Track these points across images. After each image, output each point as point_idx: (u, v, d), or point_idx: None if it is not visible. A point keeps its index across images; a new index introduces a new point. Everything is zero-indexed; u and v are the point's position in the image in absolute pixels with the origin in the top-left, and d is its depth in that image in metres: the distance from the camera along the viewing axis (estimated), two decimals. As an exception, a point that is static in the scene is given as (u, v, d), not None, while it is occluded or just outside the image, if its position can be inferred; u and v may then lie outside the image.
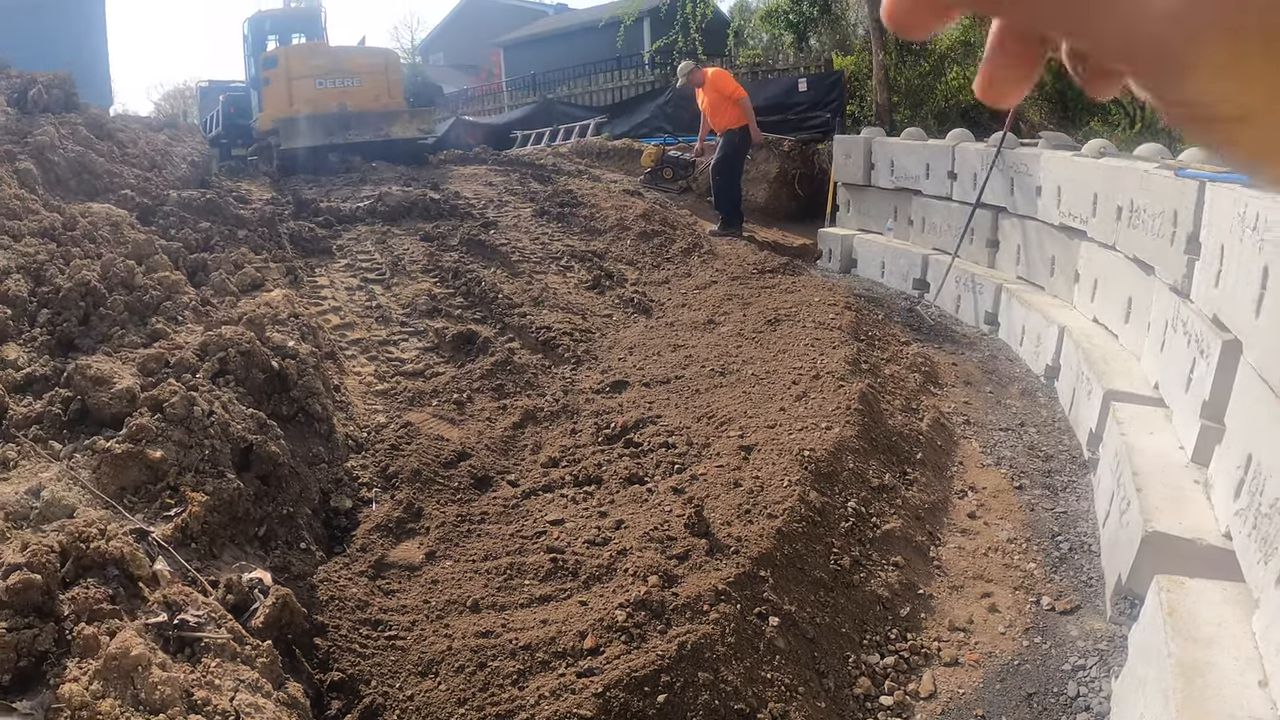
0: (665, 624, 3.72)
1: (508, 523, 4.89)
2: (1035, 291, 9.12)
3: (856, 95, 19.40)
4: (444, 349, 7.30)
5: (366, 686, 3.56)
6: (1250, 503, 3.75)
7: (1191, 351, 5.17)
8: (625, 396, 6.56)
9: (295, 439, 5.02)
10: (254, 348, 5.10)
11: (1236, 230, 4.60)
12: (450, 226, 10.37)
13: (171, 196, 9.14)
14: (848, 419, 5.77)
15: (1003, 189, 9.87)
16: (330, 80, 16.30)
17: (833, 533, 4.72)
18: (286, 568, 4.09)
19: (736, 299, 8.69)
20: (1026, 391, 7.71)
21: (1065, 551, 5.16)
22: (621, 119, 21.24)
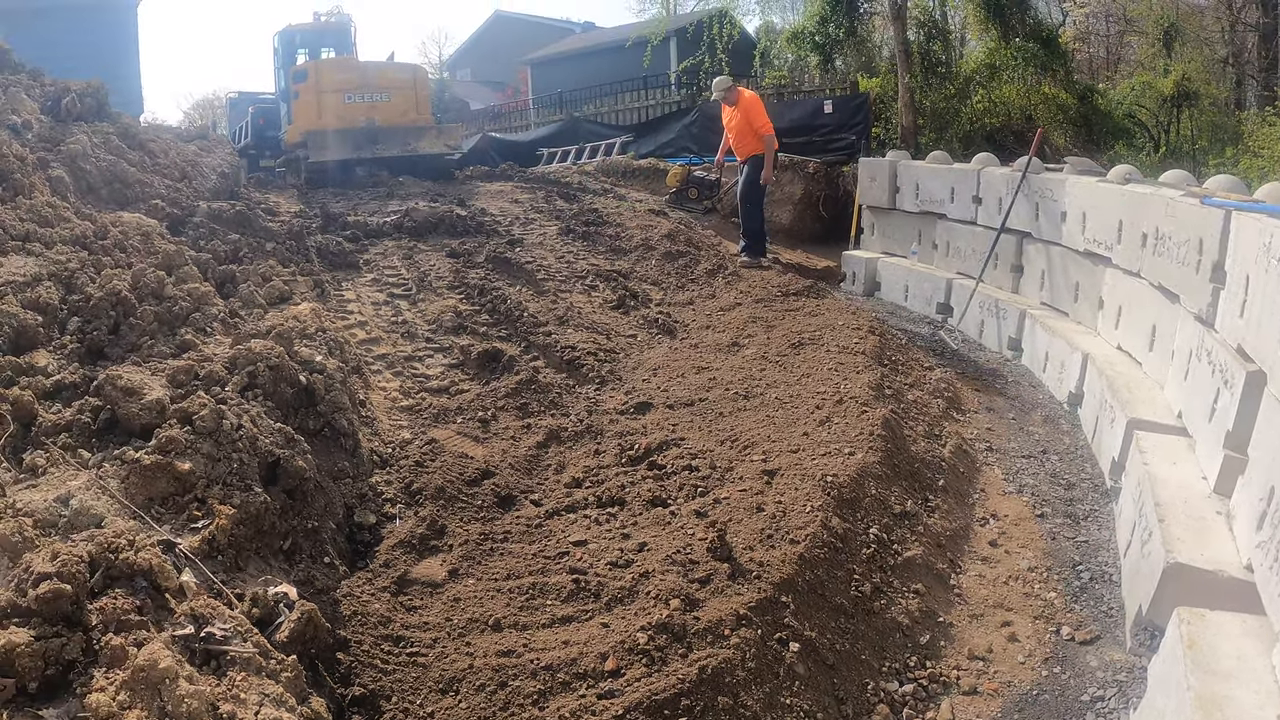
0: (686, 648, 3.74)
1: (530, 542, 4.90)
2: (1059, 318, 9.11)
3: (882, 117, 19.41)
4: (469, 366, 7.32)
5: (387, 702, 3.58)
6: (1272, 535, 3.74)
7: (1215, 381, 5.16)
8: (649, 418, 6.56)
9: (321, 454, 5.05)
10: (283, 362, 5.13)
11: (1262, 260, 4.60)
12: (476, 243, 10.39)
13: (201, 208, 9.20)
14: (870, 445, 5.78)
15: (1027, 214, 9.87)
16: (359, 95, 16.45)
17: (854, 559, 4.73)
18: (310, 582, 4.12)
19: (760, 321, 8.70)
20: (1049, 418, 7.70)
21: (1086, 581, 5.15)
22: (647, 138, 21.30)
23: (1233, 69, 26.12)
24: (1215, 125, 23.45)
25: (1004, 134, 18.75)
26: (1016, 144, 16.20)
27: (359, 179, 15.33)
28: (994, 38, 20.38)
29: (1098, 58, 32.28)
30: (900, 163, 13.00)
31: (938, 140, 17.81)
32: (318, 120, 16.04)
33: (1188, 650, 3.39)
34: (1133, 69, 27.66)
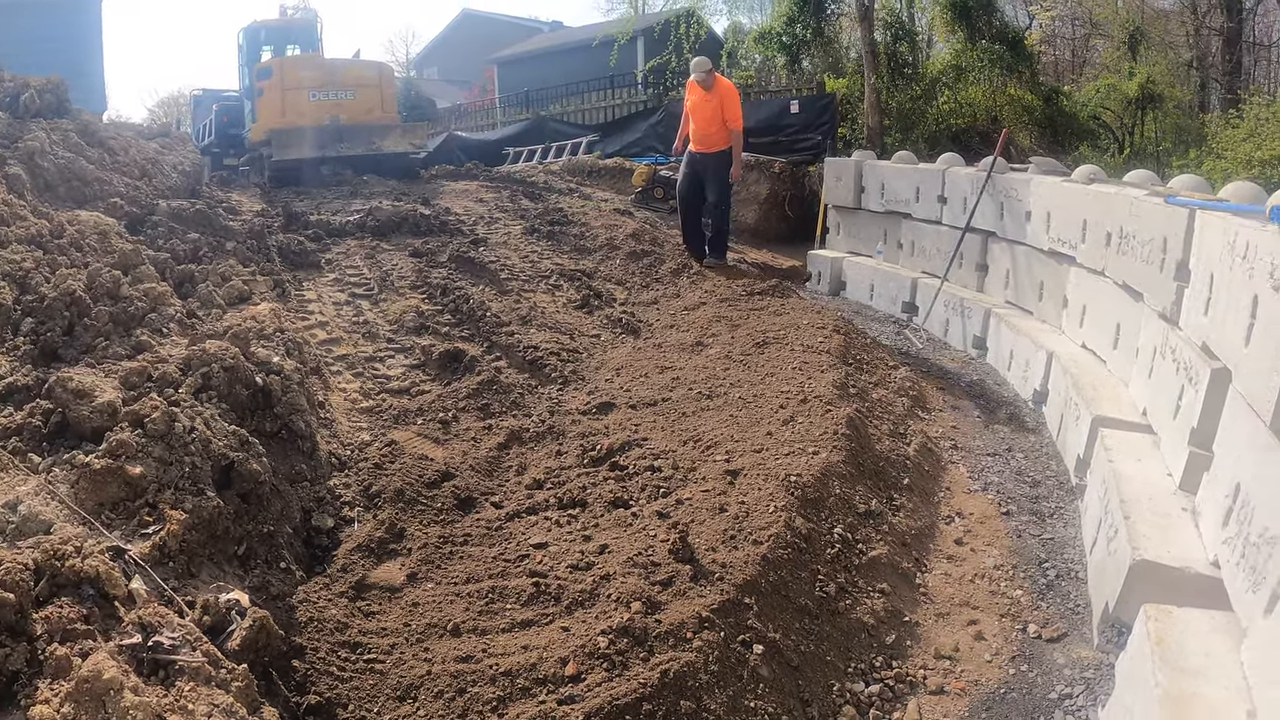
0: (648, 651, 3.68)
1: (490, 545, 4.82)
2: (1024, 316, 9.14)
3: (848, 118, 19.46)
4: (430, 367, 7.23)
5: (344, 710, 3.50)
6: (1239, 531, 3.73)
7: (1180, 379, 5.17)
8: (611, 418, 6.49)
9: (278, 456, 4.95)
10: (238, 363, 5.02)
11: (1226, 259, 4.61)
12: (440, 243, 10.29)
13: (161, 206, 9.06)
14: (835, 444, 5.73)
15: (992, 214, 9.89)
16: (324, 93, 16.25)
17: (818, 559, 4.68)
18: (265, 587, 4.02)
19: (725, 321, 8.65)
20: (1014, 416, 7.70)
21: (1052, 578, 5.13)
22: (613, 138, 21.29)
23: (1197, 73, 26.36)
24: (1179, 128, 23.66)
25: (969, 135, 18.84)
26: (982, 144, 16.27)
27: (323, 178, 15.18)
28: (960, 39, 20.46)
29: (1063, 61, 32.51)
30: (866, 162, 13.01)
31: (903, 140, 17.87)
32: (282, 118, 15.83)
33: (1155, 647, 3.36)
34: (1098, 72, 27.87)
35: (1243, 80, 24.23)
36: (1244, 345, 4.14)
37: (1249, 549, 3.55)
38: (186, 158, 13.26)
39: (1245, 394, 4.06)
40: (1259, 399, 3.81)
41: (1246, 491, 3.79)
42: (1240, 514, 3.79)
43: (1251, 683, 3.13)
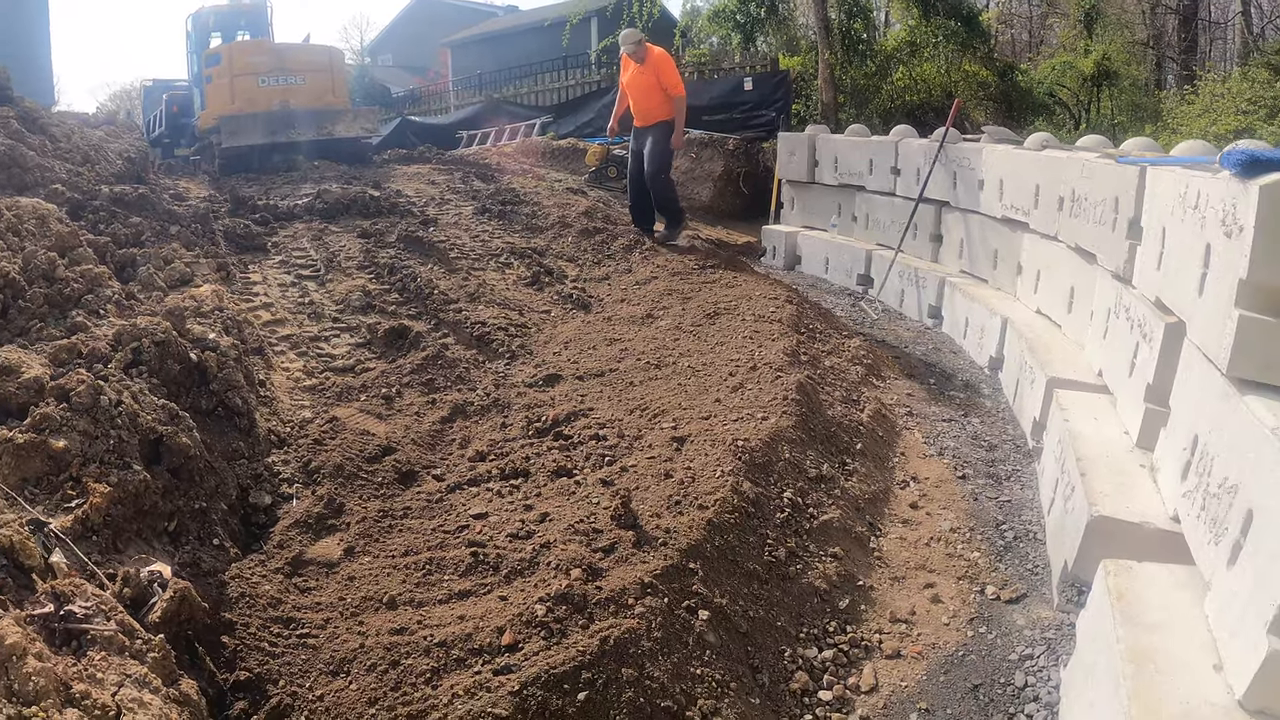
0: (588, 618, 3.54)
1: (430, 517, 4.70)
2: (978, 284, 9.11)
3: (803, 95, 19.43)
4: (376, 344, 7.12)
5: (274, 686, 3.37)
6: (1198, 483, 3.65)
7: (1134, 336, 5.11)
8: (558, 390, 6.38)
9: (213, 433, 4.83)
10: (169, 338, 4.89)
11: (1178, 211, 4.54)
12: (389, 224, 10.17)
13: (103, 191, 8.85)
14: (784, 410, 5.62)
15: (946, 183, 9.85)
16: (273, 78, 15.95)
17: (767, 524, 4.56)
18: (197, 564, 3.89)
19: (676, 294, 8.55)
20: (970, 383, 7.64)
21: (1010, 540, 5.05)
22: (567, 118, 21.16)
23: (1153, 51, 26.58)
24: (1135, 104, 23.86)
25: (924, 110, 18.84)
26: (937, 120, 16.24)
27: (274, 164, 14.96)
28: (915, 16, 20.45)
29: (1020, 40, 32.74)
30: (819, 136, 12.95)
31: (858, 116, 17.84)
32: (231, 104, 15.52)
33: (1116, 603, 3.27)
34: (1055, 51, 28.05)
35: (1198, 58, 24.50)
36: (1197, 296, 4.06)
37: (1209, 500, 3.46)
38: (132, 145, 13.13)
39: (1200, 345, 3.99)
40: (1213, 348, 3.73)
41: (1205, 443, 3.70)
42: (1199, 466, 3.71)
43: (1216, 635, 3.04)
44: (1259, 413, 3.21)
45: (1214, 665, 2.92)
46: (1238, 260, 3.51)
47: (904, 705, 3.81)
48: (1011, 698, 3.84)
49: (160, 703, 2.71)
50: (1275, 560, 2.67)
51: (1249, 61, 20.53)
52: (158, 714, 2.65)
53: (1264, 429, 3.04)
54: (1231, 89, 17.83)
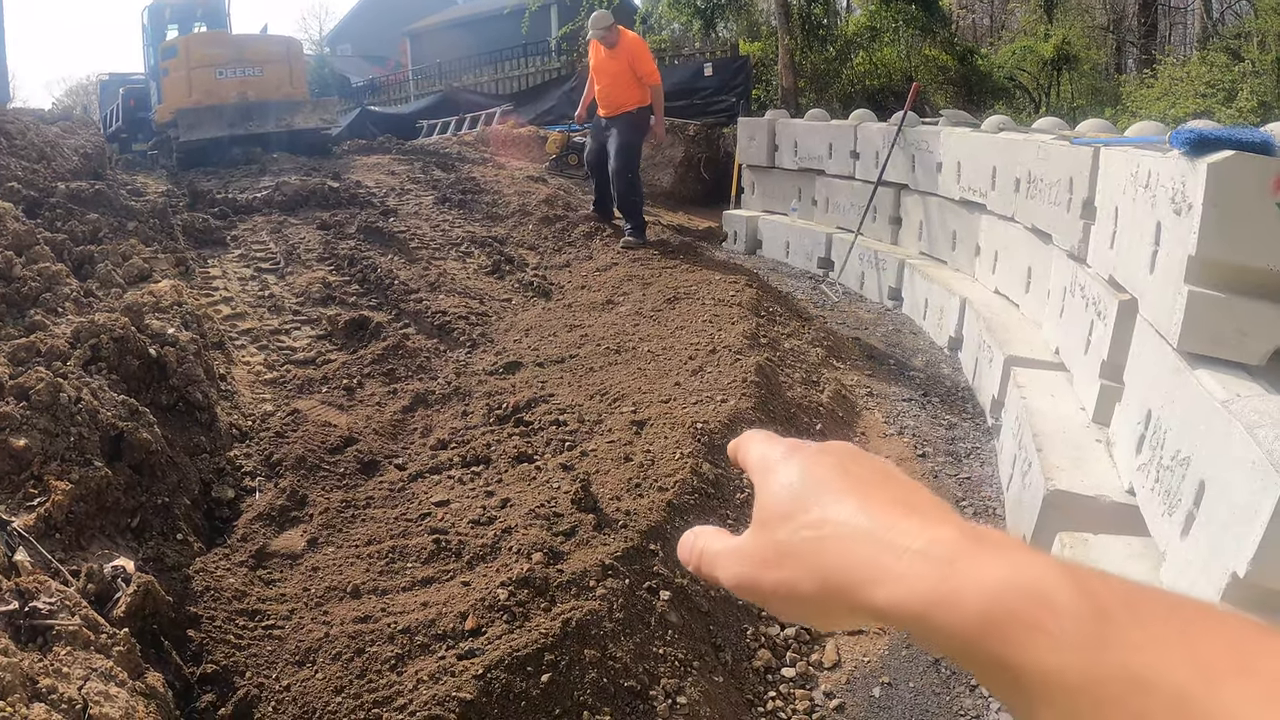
0: (550, 601, 3.54)
1: (393, 506, 4.68)
2: (938, 266, 9.18)
3: (763, 80, 19.45)
4: (336, 336, 7.09)
5: (241, 678, 3.35)
6: (1152, 457, 3.71)
7: (1089, 314, 5.18)
8: (518, 377, 6.38)
9: (175, 428, 4.81)
10: (127, 334, 4.86)
11: (1130, 191, 4.62)
12: (348, 215, 10.12)
13: (60, 189, 8.76)
14: (744, 392, 5.64)
15: (904, 166, 9.92)
16: (231, 70, 15.76)
17: (727, 504, 4.58)
18: (161, 559, 3.87)
19: (637, 279, 8.55)
20: (930, 363, 7.70)
21: (970, 516, 5.02)
22: (528, 106, 21.05)
23: (1113, 35, 26.76)
24: (1095, 88, 24.06)
25: (885, 95, 18.91)
26: (897, 104, 16.27)
27: (233, 157, 14.82)
28: (876, 1, 20.48)
29: (981, 25, 32.84)
30: (779, 121, 12.96)
31: (818, 101, 17.87)
32: (189, 97, 15.34)
33: (1071, 575, 3.30)
34: (1015, 35, 28.19)
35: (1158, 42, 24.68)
36: (1149, 273, 4.13)
37: (1163, 473, 3.51)
38: (89, 141, 12.98)
39: (1152, 320, 4.06)
40: (1165, 324, 3.80)
41: (1158, 416, 3.76)
42: (1153, 439, 3.77)
43: (1171, 606, 3.07)
44: (1209, 386, 3.26)
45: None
46: (1187, 237, 3.58)
47: (866, 680, 3.85)
48: (973, 671, 3.88)
49: (126, 695, 2.70)
50: (1228, 530, 2.72)
51: (1208, 46, 20.75)
52: (124, 706, 2.64)
53: (1214, 402, 3.10)
54: (1190, 73, 18.03)
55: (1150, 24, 24.57)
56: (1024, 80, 23.90)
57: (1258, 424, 2.72)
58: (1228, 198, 3.40)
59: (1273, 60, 17.40)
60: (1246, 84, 16.93)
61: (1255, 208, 3.38)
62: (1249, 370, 3.45)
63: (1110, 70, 26.21)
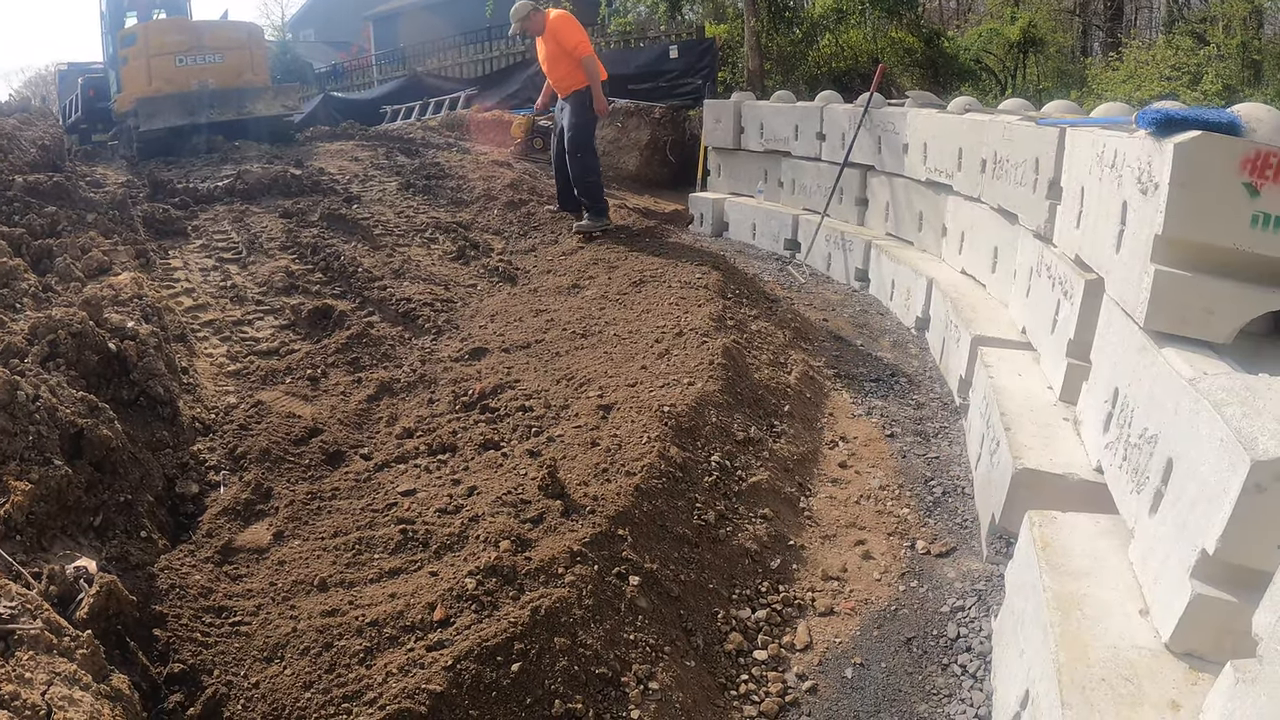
0: (518, 590, 3.52)
1: (359, 497, 4.64)
2: (904, 247, 9.18)
3: (729, 62, 19.36)
4: (300, 326, 7.05)
5: (209, 676, 3.32)
6: (1120, 435, 3.71)
7: (1056, 294, 5.19)
8: (484, 363, 6.33)
9: (136, 423, 4.76)
10: (85, 329, 4.81)
11: (1096, 171, 4.62)
12: (311, 203, 10.04)
13: (17, 181, 8.64)
14: (711, 374, 5.62)
15: (870, 148, 9.90)
16: (191, 57, 15.48)
17: (696, 488, 4.56)
18: (125, 558, 3.83)
19: (603, 263, 8.51)
20: (897, 343, 7.70)
21: (939, 495, 5.11)
22: (492, 90, 20.86)
23: (1079, 18, 26.85)
24: (1061, 71, 24.14)
25: (851, 77, 18.87)
26: (863, 86, 16.24)
27: (194, 146, 14.64)
28: (842, -17, 20.44)
29: (948, 8, 32.88)
30: (745, 103, 12.92)
31: (784, 83, 17.81)
32: (148, 86, 15.06)
33: (1041, 552, 3.32)
34: (981, 18, 28.24)
35: (1124, 26, 24.80)
36: (1115, 252, 4.13)
37: (1130, 450, 3.51)
38: (47, 132, 12.84)
39: (1118, 300, 4.06)
40: (1131, 302, 3.80)
41: (1125, 395, 3.76)
42: (1120, 417, 3.77)
43: (1141, 581, 3.10)
44: (1176, 364, 3.26)
45: (1140, 610, 2.97)
46: (1153, 217, 3.58)
47: (838, 661, 3.85)
48: (944, 649, 3.89)
49: (91, 699, 2.67)
50: (1195, 507, 2.71)
51: (1173, 29, 20.87)
52: (89, 711, 2.61)
53: (1181, 380, 3.10)
54: (1156, 56, 18.14)
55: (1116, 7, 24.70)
56: (990, 63, 23.93)
57: (1225, 402, 2.71)
58: (1194, 177, 3.40)
59: (1237, 44, 17.54)
60: (1211, 67, 17.07)
61: (1222, 187, 3.38)
62: (1215, 349, 3.46)
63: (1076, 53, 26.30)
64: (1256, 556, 2.47)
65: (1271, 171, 3.34)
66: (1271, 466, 2.38)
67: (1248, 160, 3.34)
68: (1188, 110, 3.70)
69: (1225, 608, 2.60)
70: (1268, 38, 19.83)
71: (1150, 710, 2.54)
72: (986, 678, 3.66)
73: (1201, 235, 3.48)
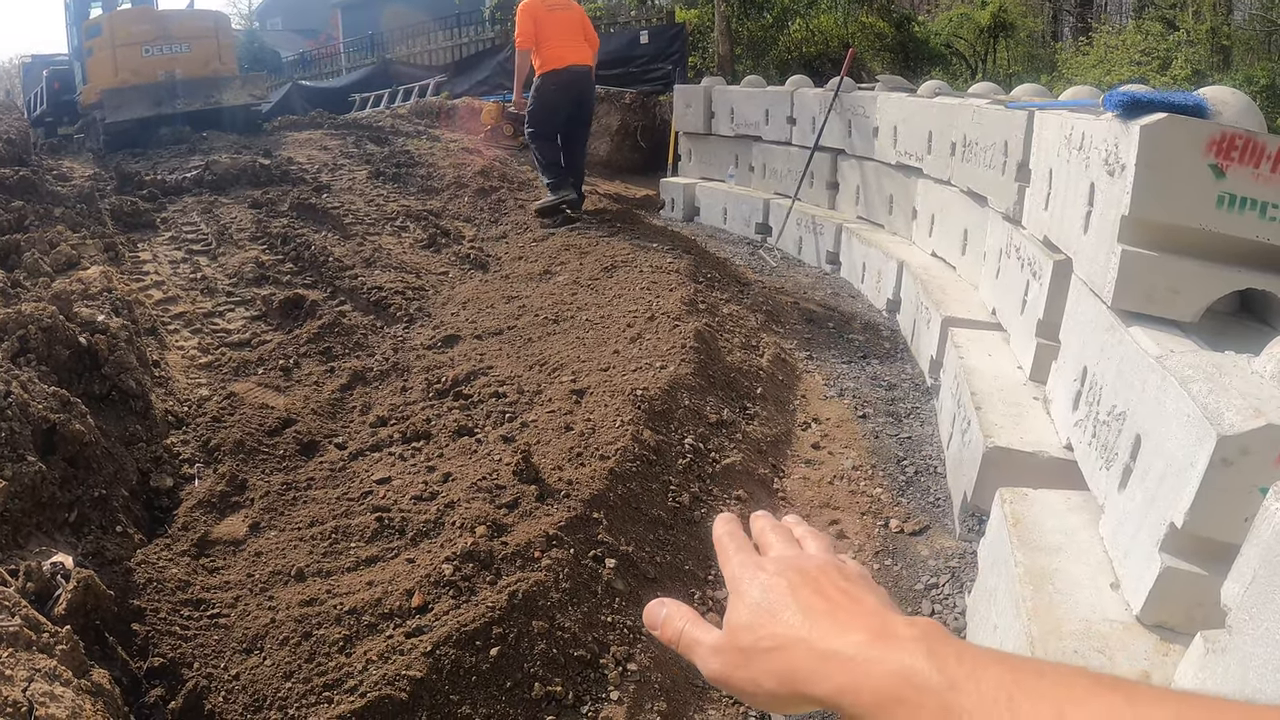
0: (495, 574, 3.52)
1: (334, 486, 4.63)
2: (875, 230, 9.22)
3: (699, 47, 19.36)
4: (271, 316, 7.01)
5: (189, 670, 3.30)
6: (1089, 412, 3.75)
7: (1025, 275, 5.22)
8: (457, 350, 6.32)
9: (109, 418, 4.72)
10: (55, 323, 4.77)
11: (1064, 153, 4.65)
12: (280, 192, 9.99)
13: (-19, 177, 8.56)
14: (683, 357, 5.63)
15: (841, 132, 9.93)
16: (158, 47, 15.35)
17: (670, 470, 4.57)
18: (101, 553, 3.80)
19: (574, 249, 8.51)
20: (869, 326, 7.73)
21: (911, 475, 5.14)
22: (462, 77, 20.77)
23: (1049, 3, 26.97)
24: (1031, 56, 24.28)
25: (822, 61, 18.91)
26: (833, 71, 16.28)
27: (161, 137, 14.46)
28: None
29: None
30: (715, 88, 12.93)
31: (755, 68, 17.83)
32: (114, 77, 14.93)
33: (1013, 528, 3.35)
34: (952, 3, 28.32)
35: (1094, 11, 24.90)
36: (1083, 233, 4.17)
37: (1100, 428, 3.55)
38: (12, 126, 12.75)
39: (1086, 280, 4.09)
40: (1099, 282, 3.83)
41: (1093, 373, 3.80)
42: (1089, 395, 3.80)
43: (1112, 555, 3.13)
44: (1143, 342, 3.30)
45: (1110, 584, 3.00)
46: (1120, 198, 3.61)
47: (813, 641, 3.86)
48: (920, 627, 3.92)
49: (72, 695, 2.64)
50: (1164, 482, 2.74)
51: (1143, 15, 21.01)
52: (70, 706, 2.59)
53: (1148, 358, 3.12)
54: (1126, 41, 18.28)
55: (1087, -8, 24.84)
56: (961, 48, 24.04)
57: (1191, 378, 2.74)
58: (1160, 159, 3.43)
59: (1207, 30, 17.69)
60: (1181, 52, 17.22)
61: (1188, 169, 3.41)
62: (1182, 327, 3.49)
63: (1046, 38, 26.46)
64: (1224, 529, 2.50)
65: (1237, 153, 3.37)
66: (1238, 441, 2.41)
67: (1214, 142, 3.36)
68: (1154, 93, 3.73)
69: (1194, 580, 2.63)
70: (1237, 23, 20.01)
71: (1122, 682, 2.56)
72: (961, 654, 3.69)
73: (1168, 216, 3.51)
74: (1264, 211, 3.41)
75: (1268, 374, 2.69)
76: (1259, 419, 2.40)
